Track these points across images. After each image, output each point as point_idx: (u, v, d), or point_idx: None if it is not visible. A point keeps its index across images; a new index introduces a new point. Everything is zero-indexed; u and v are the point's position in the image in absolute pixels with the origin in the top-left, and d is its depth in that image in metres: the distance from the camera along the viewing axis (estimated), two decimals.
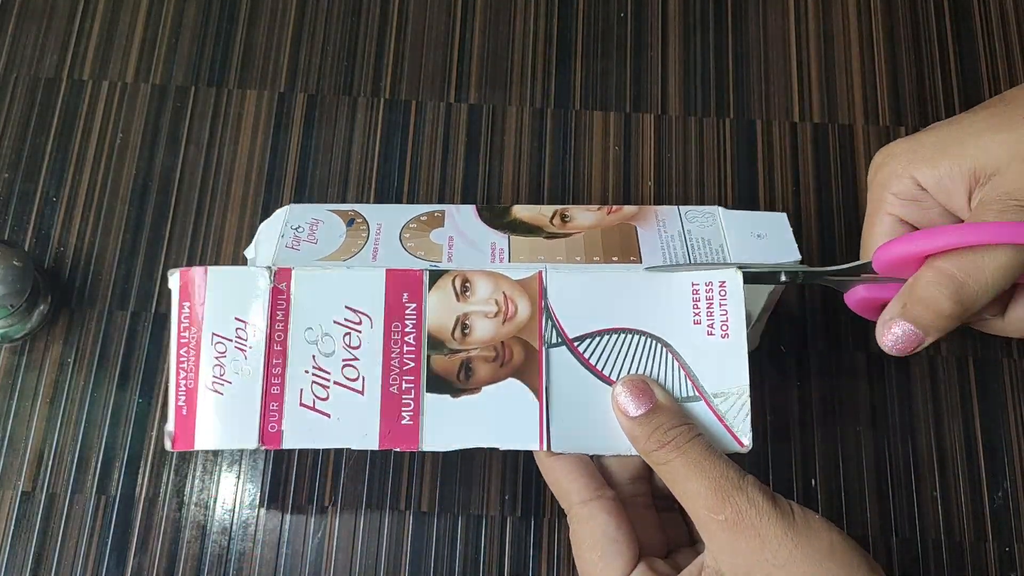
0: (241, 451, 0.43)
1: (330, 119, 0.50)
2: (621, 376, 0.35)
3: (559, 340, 0.35)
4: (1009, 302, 0.37)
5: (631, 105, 0.50)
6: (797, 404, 0.45)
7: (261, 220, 0.47)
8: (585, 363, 0.35)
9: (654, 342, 0.35)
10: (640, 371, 0.35)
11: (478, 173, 0.49)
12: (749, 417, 0.35)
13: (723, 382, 0.35)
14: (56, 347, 0.45)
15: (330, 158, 0.49)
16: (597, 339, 0.35)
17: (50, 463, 0.43)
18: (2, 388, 0.44)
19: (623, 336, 0.35)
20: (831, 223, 0.48)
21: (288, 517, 0.43)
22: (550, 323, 0.35)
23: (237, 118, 0.49)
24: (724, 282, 0.35)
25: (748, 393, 0.35)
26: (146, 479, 0.43)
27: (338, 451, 0.43)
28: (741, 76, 0.51)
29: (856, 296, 0.39)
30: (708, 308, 0.35)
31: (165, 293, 0.46)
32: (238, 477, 0.43)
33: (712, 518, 0.31)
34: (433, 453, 0.43)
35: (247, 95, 0.50)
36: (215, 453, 0.43)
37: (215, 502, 0.43)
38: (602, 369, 0.35)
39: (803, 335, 0.46)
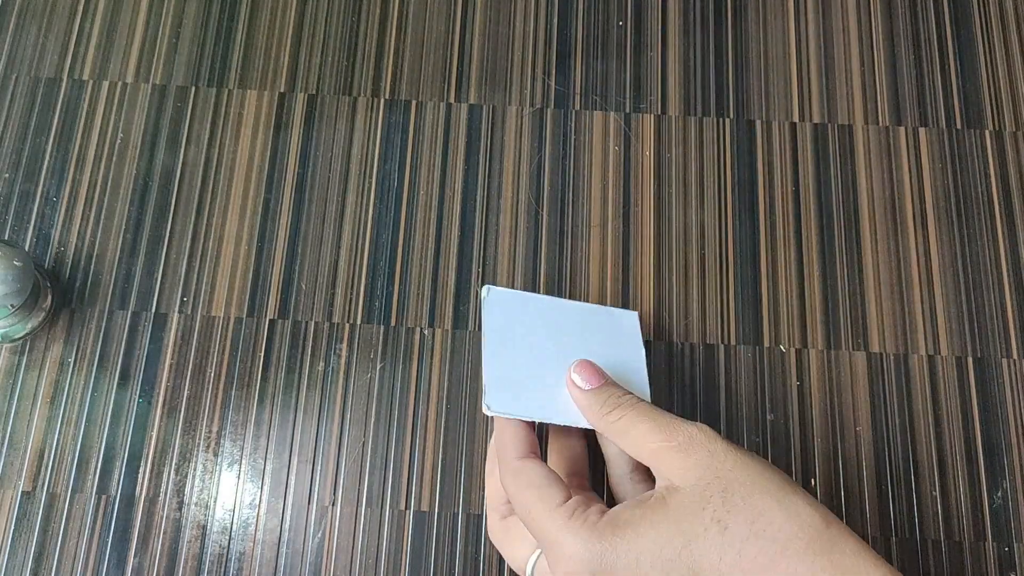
0: (241, 450, 0.44)
1: (330, 119, 0.50)
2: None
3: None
4: None
5: (631, 105, 0.50)
6: (797, 404, 0.45)
7: (261, 220, 0.47)
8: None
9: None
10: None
11: (478, 173, 0.49)
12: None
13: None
14: (56, 347, 0.45)
15: (330, 158, 0.49)
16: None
17: (50, 463, 0.43)
18: (2, 388, 0.44)
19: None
20: (831, 222, 0.48)
21: (288, 517, 0.43)
22: None
23: (237, 118, 0.49)
24: None
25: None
26: (146, 479, 0.43)
27: (337, 450, 0.44)
28: (741, 76, 0.51)
29: None
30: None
31: (165, 293, 0.46)
32: (238, 477, 0.43)
33: (666, 445, 0.35)
34: (433, 452, 0.44)
35: (247, 95, 0.50)
36: (215, 452, 0.43)
37: (215, 502, 0.43)
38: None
39: (803, 335, 0.46)
